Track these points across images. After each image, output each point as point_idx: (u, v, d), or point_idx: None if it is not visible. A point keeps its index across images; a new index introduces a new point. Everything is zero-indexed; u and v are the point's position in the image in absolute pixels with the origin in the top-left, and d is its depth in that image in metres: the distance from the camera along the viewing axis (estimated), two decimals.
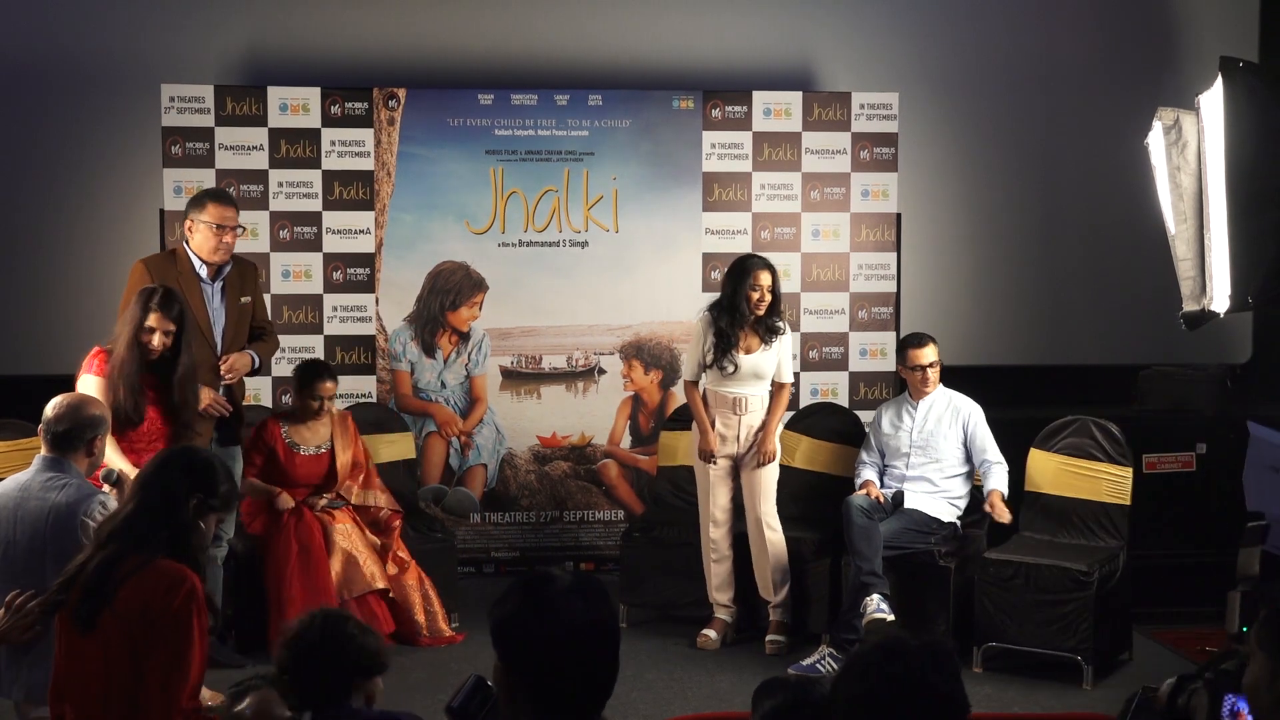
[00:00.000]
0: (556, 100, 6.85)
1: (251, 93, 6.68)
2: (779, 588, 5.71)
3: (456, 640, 5.80)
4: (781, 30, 7.29)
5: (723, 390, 5.71)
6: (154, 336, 4.83)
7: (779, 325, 5.72)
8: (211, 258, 5.33)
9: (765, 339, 5.69)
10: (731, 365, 5.64)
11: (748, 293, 5.61)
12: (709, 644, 5.74)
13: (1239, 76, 5.05)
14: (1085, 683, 5.30)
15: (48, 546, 3.75)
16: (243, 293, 5.46)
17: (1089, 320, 7.55)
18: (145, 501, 3.31)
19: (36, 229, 6.94)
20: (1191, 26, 7.49)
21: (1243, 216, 5.05)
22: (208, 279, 5.36)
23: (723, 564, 5.78)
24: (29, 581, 3.71)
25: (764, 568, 5.72)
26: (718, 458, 5.71)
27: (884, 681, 2.09)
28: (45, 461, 3.88)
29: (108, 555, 3.26)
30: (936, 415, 5.80)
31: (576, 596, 2.14)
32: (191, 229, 5.34)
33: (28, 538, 3.78)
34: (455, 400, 6.85)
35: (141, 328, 4.83)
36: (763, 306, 5.63)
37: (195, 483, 3.35)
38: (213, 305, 5.38)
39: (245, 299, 5.46)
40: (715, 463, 5.70)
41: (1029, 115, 7.47)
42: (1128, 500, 5.66)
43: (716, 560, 5.78)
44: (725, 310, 5.66)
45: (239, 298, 5.44)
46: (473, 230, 6.82)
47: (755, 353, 5.67)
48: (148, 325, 4.83)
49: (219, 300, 5.40)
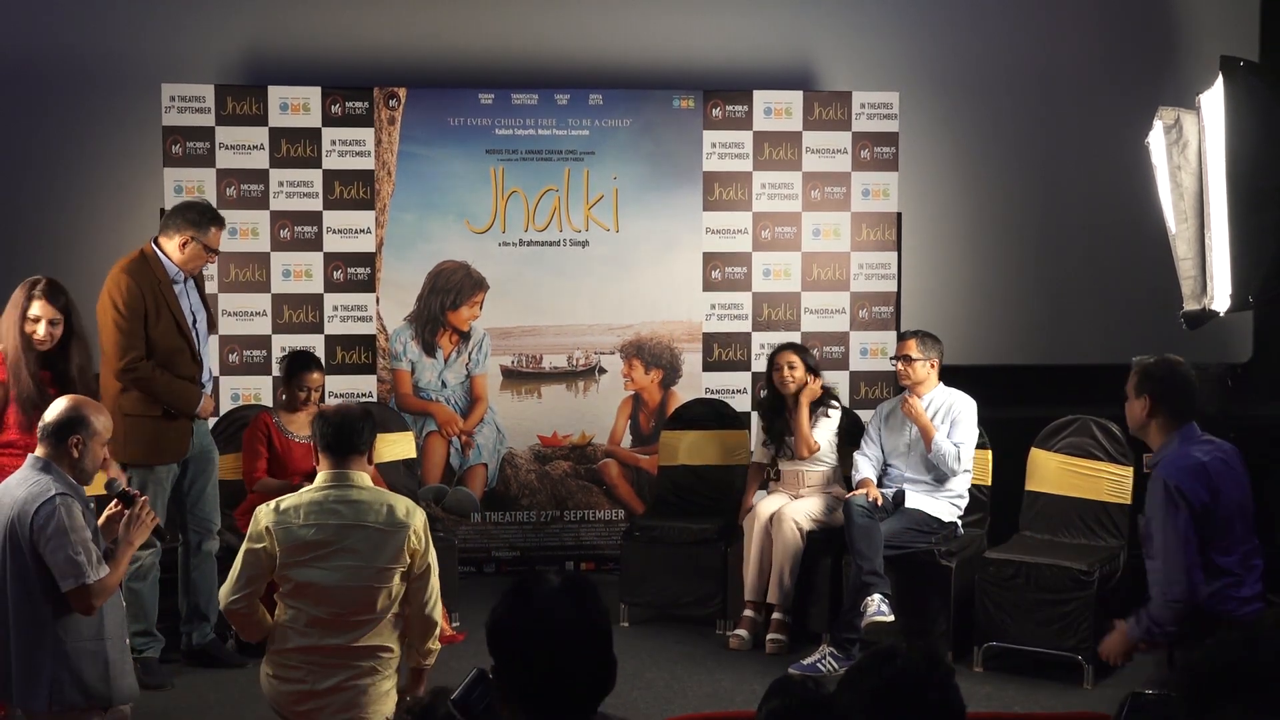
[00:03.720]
0: (557, 100, 6.85)
1: (252, 92, 6.67)
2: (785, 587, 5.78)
3: (457, 639, 5.79)
4: (782, 30, 7.30)
5: (784, 468, 6.06)
6: (39, 326, 4.75)
7: (825, 400, 6.06)
8: (186, 268, 5.40)
9: (812, 415, 6.01)
10: (787, 450, 6.03)
11: (774, 375, 6.02)
12: (743, 645, 5.79)
13: (1240, 76, 5.05)
14: (1085, 683, 5.29)
15: (10, 538, 3.80)
16: (201, 285, 5.58)
17: (1089, 320, 7.55)
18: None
19: (37, 229, 6.94)
20: (1191, 26, 7.49)
21: (1243, 216, 5.05)
22: (180, 280, 5.42)
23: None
24: (1, 571, 3.81)
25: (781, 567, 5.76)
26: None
27: (879, 689, 2.16)
28: (30, 460, 3.91)
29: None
30: (934, 412, 5.80)
31: (563, 596, 2.15)
32: (185, 244, 5.35)
33: (1, 530, 3.82)
34: (456, 400, 6.85)
35: (25, 317, 4.76)
36: (791, 384, 5.95)
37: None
38: (189, 302, 5.44)
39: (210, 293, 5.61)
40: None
41: (1029, 115, 7.47)
42: (1128, 500, 5.66)
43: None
44: (768, 402, 6.11)
45: (204, 290, 5.58)
46: (473, 230, 6.82)
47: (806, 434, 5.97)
48: (32, 314, 4.76)
49: (195, 296, 5.48)
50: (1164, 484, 4.06)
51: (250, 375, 6.71)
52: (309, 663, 3.87)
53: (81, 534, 3.80)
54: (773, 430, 6.07)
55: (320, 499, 3.88)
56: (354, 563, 3.86)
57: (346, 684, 3.86)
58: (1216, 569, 4.07)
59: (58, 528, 3.76)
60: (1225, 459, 4.19)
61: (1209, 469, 4.11)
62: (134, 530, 3.97)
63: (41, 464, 3.87)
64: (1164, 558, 4.05)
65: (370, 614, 3.87)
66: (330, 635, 3.86)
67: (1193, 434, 4.20)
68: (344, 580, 3.84)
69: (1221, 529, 4.08)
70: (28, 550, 3.78)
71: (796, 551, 5.73)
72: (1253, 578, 4.13)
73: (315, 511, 3.87)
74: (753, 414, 6.82)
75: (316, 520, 3.86)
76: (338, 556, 3.85)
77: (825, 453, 6.02)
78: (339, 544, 3.85)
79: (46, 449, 3.88)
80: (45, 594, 3.80)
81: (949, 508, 5.74)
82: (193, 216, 5.38)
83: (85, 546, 3.79)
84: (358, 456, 3.95)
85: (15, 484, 3.87)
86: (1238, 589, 4.08)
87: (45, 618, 3.81)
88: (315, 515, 3.86)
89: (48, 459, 3.87)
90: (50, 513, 3.75)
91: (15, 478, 3.90)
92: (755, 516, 5.85)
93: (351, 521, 3.87)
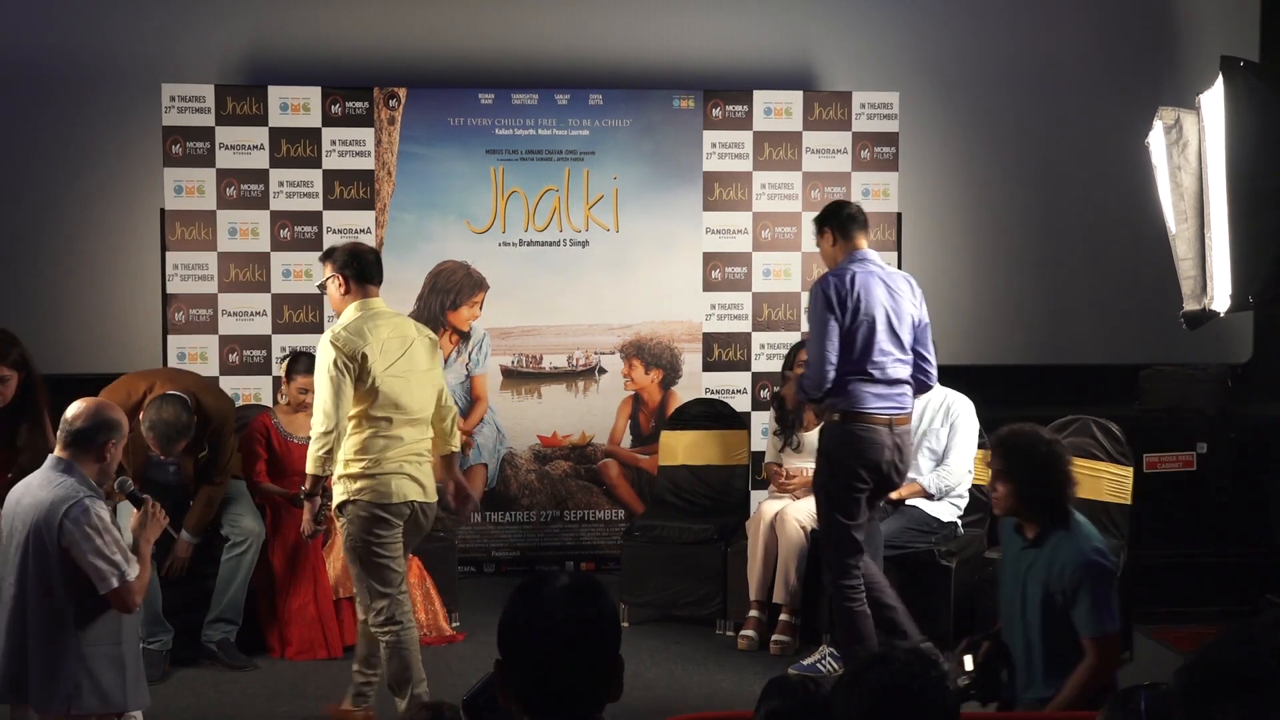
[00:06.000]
0: (557, 100, 6.85)
1: (252, 92, 6.67)
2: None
3: (457, 639, 5.80)
4: (782, 30, 7.30)
5: (789, 465, 6.01)
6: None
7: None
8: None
9: (821, 415, 5.85)
10: (796, 441, 5.98)
11: (790, 371, 5.88)
12: (752, 645, 5.79)
13: (1240, 76, 5.04)
14: None
15: (34, 540, 3.77)
16: (201, 447, 5.39)
17: (1090, 320, 7.55)
18: None
19: (37, 228, 6.94)
20: (1191, 26, 7.49)
21: (1243, 216, 5.05)
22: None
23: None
24: (19, 573, 3.79)
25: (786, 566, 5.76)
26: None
27: (872, 692, 2.21)
28: (53, 461, 3.87)
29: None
30: (933, 413, 5.80)
31: (570, 594, 2.15)
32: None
33: (22, 531, 3.80)
34: (456, 399, 6.84)
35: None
36: None
37: None
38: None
39: (203, 454, 5.40)
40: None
41: (1029, 115, 7.47)
42: (1128, 500, 5.66)
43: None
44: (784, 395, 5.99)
45: (198, 454, 5.40)
46: (473, 230, 6.82)
47: (814, 429, 5.83)
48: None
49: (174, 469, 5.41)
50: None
51: (250, 375, 6.71)
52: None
53: (114, 533, 3.82)
54: (784, 420, 6.04)
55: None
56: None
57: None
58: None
59: (91, 529, 3.75)
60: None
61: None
62: (149, 528, 3.98)
63: (64, 465, 3.84)
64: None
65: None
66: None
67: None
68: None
69: None
70: (54, 552, 3.76)
71: (801, 551, 5.72)
72: None
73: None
74: (752, 414, 6.83)
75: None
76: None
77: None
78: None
79: (70, 450, 3.85)
80: (68, 596, 3.79)
81: (949, 508, 5.74)
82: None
83: (119, 545, 3.82)
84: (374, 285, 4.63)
85: (37, 485, 3.84)
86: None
87: (66, 620, 3.79)
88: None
89: (70, 460, 3.84)
90: (81, 514, 3.74)
91: (36, 479, 3.86)
92: (759, 517, 5.85)
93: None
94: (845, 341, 4.87)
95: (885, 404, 4.93)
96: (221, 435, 5.44)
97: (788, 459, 6.04)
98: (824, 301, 4.88)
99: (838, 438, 4.96)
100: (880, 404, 4.92)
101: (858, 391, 4.90)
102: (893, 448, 4.93)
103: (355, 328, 4.48)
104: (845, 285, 4.89)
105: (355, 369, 4.41)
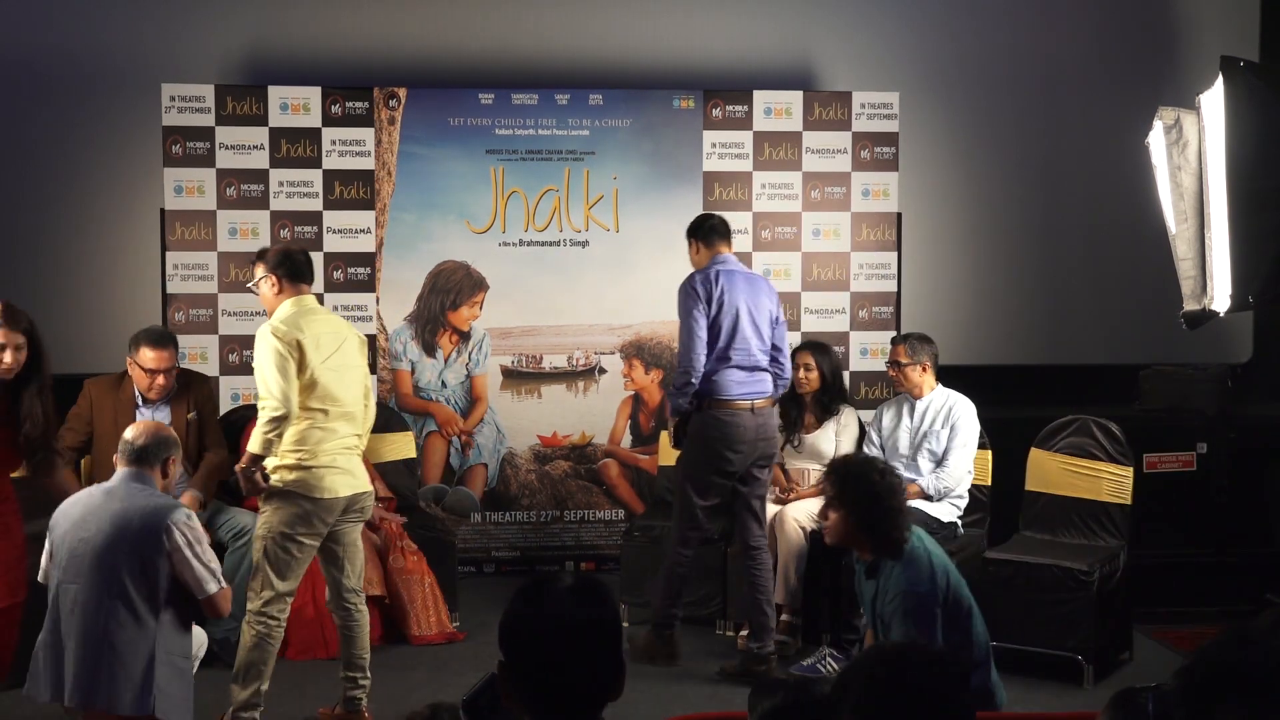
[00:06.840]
0: (557, 100, 6.86)
1: (252, 92, 6.68)
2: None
3: (457, 639, 5.80)
4: (782, 30, 7.30)
5: (791, 465, 6.04)
6: (4, 354, 4.47)
7: (835, 407, 6.00)
8: (147, 395, 5.41)
9: (821, 418, 5.99)
10: (797, 440, 6.01)
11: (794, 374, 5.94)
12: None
13: (1240, 76, 5.04)
14: (1085, 682, 5.30)
15: (123, 546, 3.89)
16: (189, 408, 5.51)
17: (1089, 320, 7.55)
18: None
19: (36, 228, 6.94)
20: (1191, 26, 7.49)
21: (1243, 216, 5.05)
22: (143, 406, 5.42)
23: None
24: (99, 577, 3.89)
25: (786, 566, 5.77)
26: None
27: (892, 692, 2.11)
28: (130, 473, 4.02)
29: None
30: (933, 415, 5.80)
31: (574, 595, 2.15)
32: (130, 364, 5.40)
33: (106, 537, 3.91)
34: (456, 400, 6.85)
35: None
36: (807, 385, 5.95)
37: None
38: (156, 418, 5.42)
39: (191, 415, 5.51)
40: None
41: (1029, 115, 7.47)
42: (1128, 500, 5.66)
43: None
44: (787, 394, 5.98)
45: (186, 413, 5.50)
46: (473, 230, 6.82)
47: (814, 432, 5.97)
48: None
49: (164, 416, 5.42)
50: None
51: (250, 375, 6.67)
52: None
53: (206, 543, 4.00)
54: (787, 418, 6.03)
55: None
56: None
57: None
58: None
59: (195, 536, 3.93)
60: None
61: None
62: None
63: (139, 476, 4.01)
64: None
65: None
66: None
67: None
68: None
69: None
70: (153, 559, 3.88)
71: (801, 551, 5.72)
72: None
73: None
74: None
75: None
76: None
77: (832, 456, 6.00)
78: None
79: (136, 466, 4.02)
80: (156, 603, 3.91)
81: (949, 508, 5.74)
82: (131, 338, 5.44)
83: (211, 554, 4.00)
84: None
85: (130, 493, 3.97)
86: None
87: (149, 627, 3.91)
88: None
89: (141, 472, 4.01)
90: (185, 522, 3.91)
91: (122, 489, 3.99)
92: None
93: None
94: (711, 331, 5.29)
95: (747, 390, 5.36)
96: (208, 400, 5.66)
97: (789, 459, 6.04)
98: (691, 295, 5.31)
99: (705, 423, 5.36)
100: (742, 390, 5.35)
101: (723, 380, 5.32)
102: (755, 428, 5.37)
103: (292, 321, 4.55)
104: (710, 280, 5.32)
105: (296, 358, 4.47)
